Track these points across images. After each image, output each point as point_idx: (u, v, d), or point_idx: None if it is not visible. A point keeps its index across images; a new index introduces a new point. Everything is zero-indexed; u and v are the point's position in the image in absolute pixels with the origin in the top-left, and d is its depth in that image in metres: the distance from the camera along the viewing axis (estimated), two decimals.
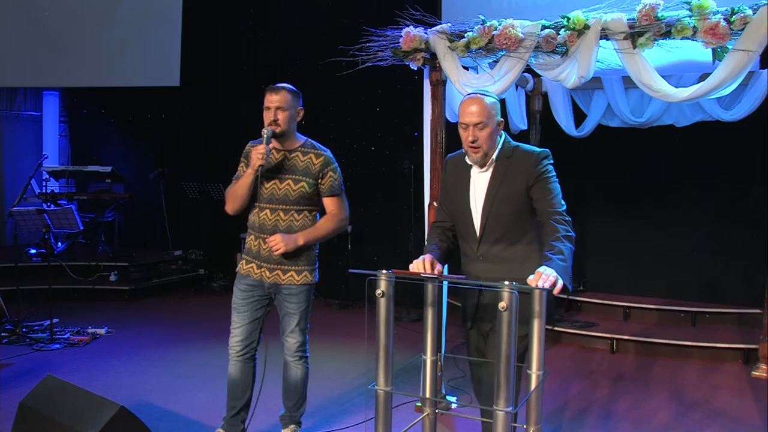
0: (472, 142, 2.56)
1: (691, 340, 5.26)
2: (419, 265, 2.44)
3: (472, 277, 2.63)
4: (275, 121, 3.12)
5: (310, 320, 3.36)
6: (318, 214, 3.32)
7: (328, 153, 3.28)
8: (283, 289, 3.23)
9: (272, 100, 3.14)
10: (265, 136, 3.10)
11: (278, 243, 3.09)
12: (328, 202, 3.28)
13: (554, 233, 2.43)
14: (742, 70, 3.27)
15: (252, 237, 3.28)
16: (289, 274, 3.21)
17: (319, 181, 3.22)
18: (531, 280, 2.17)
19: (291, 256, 3.18)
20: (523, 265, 2.51)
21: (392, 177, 6.98)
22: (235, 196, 3.21)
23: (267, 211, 3.19)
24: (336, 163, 3.29)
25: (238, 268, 3.33)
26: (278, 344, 3.37)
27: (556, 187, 2.57)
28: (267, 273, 3.21)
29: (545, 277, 2.14)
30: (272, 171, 3.18)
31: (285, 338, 3.31)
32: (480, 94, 2.63)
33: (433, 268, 2.45)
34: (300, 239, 3.15)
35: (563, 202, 2.55)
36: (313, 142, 3.30)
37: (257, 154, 3.08)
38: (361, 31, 4.07)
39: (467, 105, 2.58)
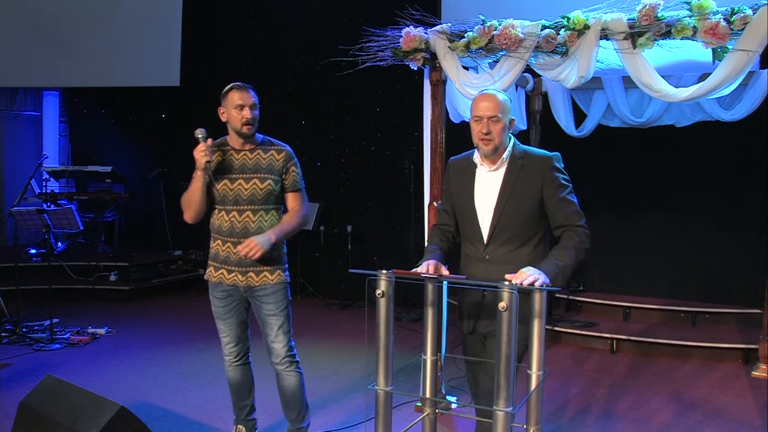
0: (486, 134, 2.56)
1: (691, 340, 5.26)
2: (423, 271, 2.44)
3: (473, 278, 2.62)
4: (252, 120, 3.05)
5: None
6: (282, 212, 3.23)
7: (288, 148, 3.19)
8: (258, 291, 3.10)
9: (246, 98, 3.04)
10: (200, 136, 3.02)
11: (253, 247, 2.95)
12: (291, 198, 3.18)
13: (569, 241, 2.51)
14: (742, 70, 3.28)
15: (219, 242, 3.13)
16: (262, 275, 3.09)
17: (283, 176, 3.14)
18: (509, 277, 2.24)
19: (261, 257, 3.05)
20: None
21: (392, 177, 6.98)
22: (190, 202, 3.09)
23: (234, 213, 3.08)
24: (296, 159, 3.21)
25: (207, 276, 3.19)
26: (261, 344, 3.26)
27: (575, 198, 2.59)
28: (239, 277, 3.09)
29: (524, 276, 2.23)
30: (236, 171, 3.10)
31: (271, 345, 3.16)
32: (494, 91, 2.65)
33: (438, 272, 2.46)
34: (272, 237, 3.04)
35: (582, 214, 2.58)
36: (270, 138, 3.22)
37: (199, 152, 2.98)
38: (361, 31, 4.08)
39: (482, 99, 2.59)
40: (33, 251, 7.60)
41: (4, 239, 8.41)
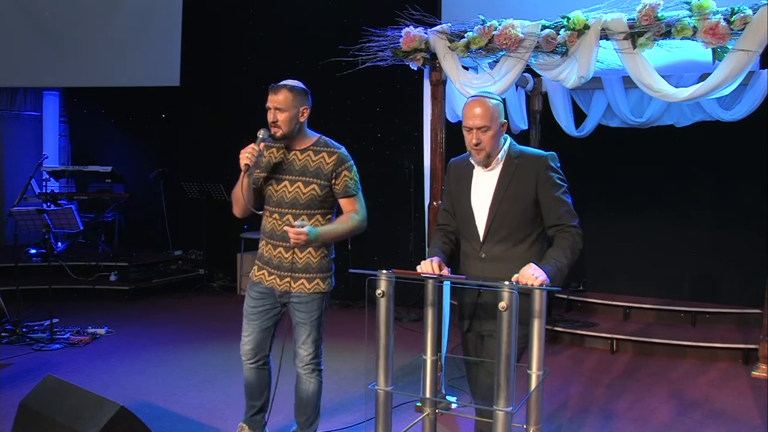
0: (476, 145, 2.58)
1: (690, 340, 5.26)
2: (426, 267, 2.44)
3: (471, 276, 2.64)
4: (275, 123, 2.94)
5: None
6: (333, 218, 3.14)
7: (342, 150, 3.06)
8: (293, 297, 3.08)
9: (272, 100, 2.95)
10: (258, 137, 2.94)
11: (300, 233, 2.82)
12: (345, 203, 3.08)
13: (564, 242, 2.52)
14: (742, 70, 3.28)
15: (263, 242, 3.13)
16: (299, 282, 3.06)
17: (333, 181, 3.02)
18: (515, 278, 2.27)
19: (302, 262, 3.04)
20: (525, 265, 2.52)
21: (392, 177, 6.98)
22: (235, 198, 3.09)
23: (276, 215, 3.04)
24: (351, 161, 3.08)
25: (250, 274, 3.19)
26: (292, 351, 3.24)
27: (569, 198, 2.60)
28: (278, 280, 3.07)
29: (528, 276, 2.26)
30: (281, 172, 3.03)
31: (297, 349, 3.15)
32: (483, 96, 2.64)
33: (440, 270, 2.46)
34: (320, 235, 2.94)
35: (576, 214, 2.59)
36: (326, 139, 3.09)
37: (242, 153, 2.89)
38: (361, 31, 4.07)
39: (471, 108, 2.59)
40: (33, 251, 7.60)
41: (4, 239, 8.41)
